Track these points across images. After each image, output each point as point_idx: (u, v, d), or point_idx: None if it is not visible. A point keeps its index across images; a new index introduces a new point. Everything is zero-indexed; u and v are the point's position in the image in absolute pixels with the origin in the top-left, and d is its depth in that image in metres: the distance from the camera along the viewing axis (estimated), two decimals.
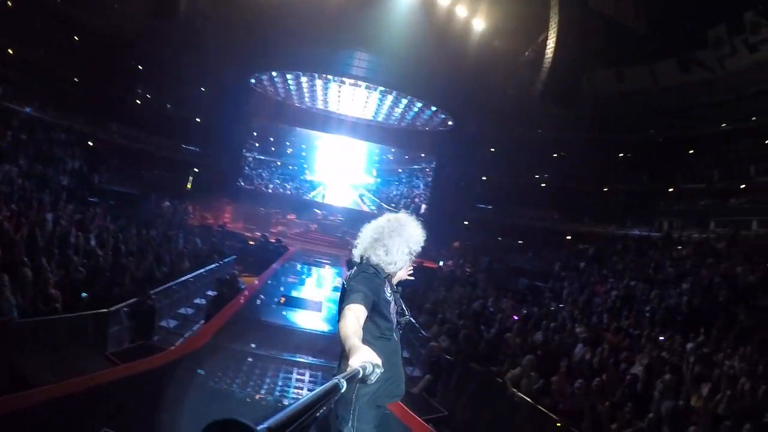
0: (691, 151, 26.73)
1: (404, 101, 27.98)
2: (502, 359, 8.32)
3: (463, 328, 9.67)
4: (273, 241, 22.57)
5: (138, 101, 28.26)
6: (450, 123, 29.56)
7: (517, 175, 30.05)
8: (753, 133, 23.34)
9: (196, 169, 30.02)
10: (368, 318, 2.41)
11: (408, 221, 2.76)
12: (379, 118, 31.15)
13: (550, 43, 19.67)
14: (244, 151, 31.65)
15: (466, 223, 27.91)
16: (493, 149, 30.87)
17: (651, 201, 27.46)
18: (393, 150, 33.81)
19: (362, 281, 2.51)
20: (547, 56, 20.01)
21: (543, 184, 30.05)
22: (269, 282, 14.37)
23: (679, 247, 22.56)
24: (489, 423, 6.78)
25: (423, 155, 33.28)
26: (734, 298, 14.90)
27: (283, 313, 11.10)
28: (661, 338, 10.45)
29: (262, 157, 32.97)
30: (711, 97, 23.06)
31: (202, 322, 10.17)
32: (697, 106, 23.85)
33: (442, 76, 24.12)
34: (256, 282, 13.75)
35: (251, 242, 22.22)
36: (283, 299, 12.66)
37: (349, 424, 2.44)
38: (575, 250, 24.10)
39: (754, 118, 22.76)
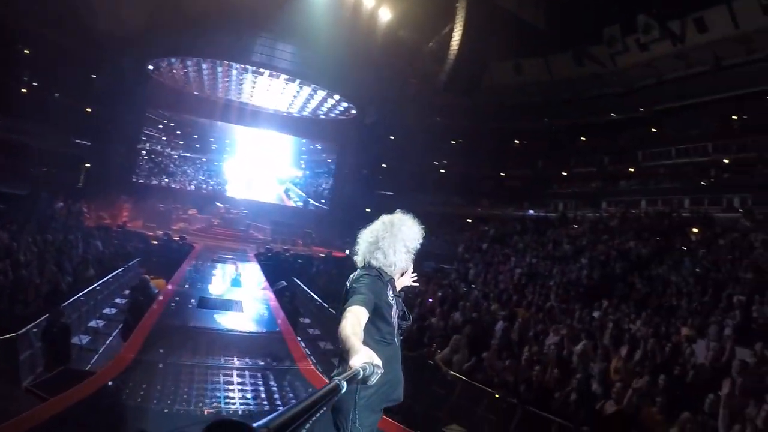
0: (583, 138, 29.05)
1: (307, 89, 27.56)
2: (428, 342, 8.61)
3: None
4: (177, 239, 21.53)
5: (23, 90, 25.20)
6: (353, 112, 29.55)
7: (417, 162, 30.91)
8: (640, 122, 26.01)
9: (88, 165, 27.47)
10: (369, 320, 2.39)
11: (401, 221, 2.77)
12: (283, 108, 30.52)
13: (456, 36, 20.22)
14: (142, 143, 29.68)
15: (368, 210, 28.44)
16: (393, 137, 31.36)
17: (546, 184, 29.56)
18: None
19: (365, 283, 2.50)
20: (452, 48, 20.55)
21: (443, 170, 31.31)
22: (182, 284, 13.67)
23: (575, 226, 24.61)
24: (428, 404, 7.01)
25: (324, 145, 33.51)
26: (629, 270, 16.52)
27: (204, 316, 10.61)
28: (575, 310, 11.22)
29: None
30: (602, 89, 25.21)
31: (116, 333, 9.50)
32: (590, 98, 25.85)
33: (347, 64, 23.93)
34: (169, 286, 13.04)
35: (154, 242, 20.98)
36: (199, 301, 12.07)
37: (348, 427, 2.42)
38: (477, 233, 25.36)
39: (641, 109, 25.26)
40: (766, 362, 7.13)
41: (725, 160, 24.80)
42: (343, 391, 1.57)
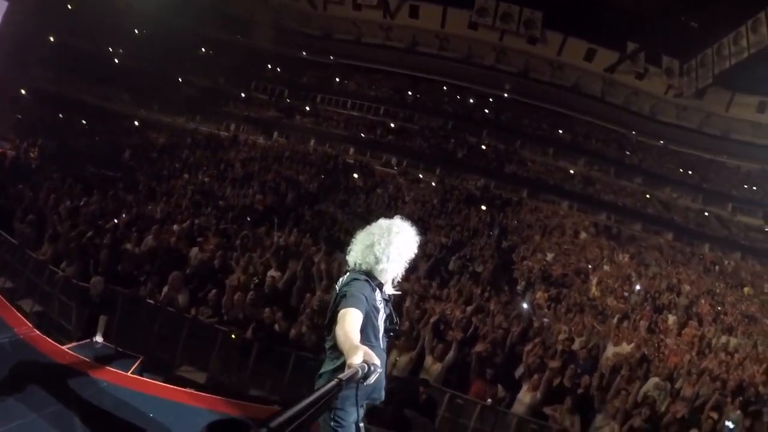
0: (270, 66, 29.25)
1: None
2: (138, 278, 7.29)
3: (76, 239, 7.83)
4: None
5: None
6: None
7: (91, 44, 25.78)
8: (328, 69, 27.95)
9: None
10: None
11: (400, 228, 2.73)
12: None
13: None
14: None
15: (23, 92, 21.89)
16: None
17: (223, 101, 28.72)
18: None
19: (356, 287, 2.52)
20: None
21: (117, 60, 26.43)
22: None
23: (245, 148, 24.86)
24: (162, 349, 6.09)
25: None
26: (300, 201, 17.74)
27: None
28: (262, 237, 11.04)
29: None
30: (304, 26, 25.95)
31: None
32: (291, 31, 26.12)
33: None
34: None
35: None
36: None
37: (331, 421, 2.50)
38: (145, 139, 22.90)
39: (332, 57, 26.98)
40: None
41: (392, 125, 29.36)
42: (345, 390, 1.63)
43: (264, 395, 6.03)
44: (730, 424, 6.70)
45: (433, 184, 24.42)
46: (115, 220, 8.83)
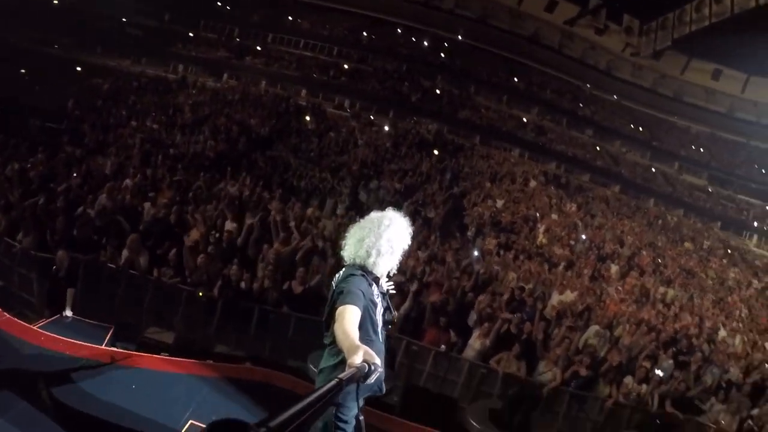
0: (219, 3, 27.59)
1: None
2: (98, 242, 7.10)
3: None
4: None
5: None
6: None
7: None
8: (278, 5, 26.51)
9: None
10: None
11: (391, 220, 2.70)
12: None
13: None
14: None
15: None
16: None
17: (169, 41, 27.15)
18: None
19: (352, 282, 2.50)
20: None
21: (55, 1, 24.26)
22: None
23: (194, 92, 23.81)
24: (127, 313, 6.07)
25: None
26: (252, 147, 17.28)
27: None
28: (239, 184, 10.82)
29: None
30: None
31: None
32: None
33: None
34: None
35: None
36: None
37: (334, 415, 2.51)
38: (90, 86, 21.50)
39: None
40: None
41: (346, 66, 28.53)
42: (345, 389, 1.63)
43: (230, 351, 6.22)
44: (660, 373, 7.31)
45: (386, 128, 24.35)
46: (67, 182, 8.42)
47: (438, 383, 6.96)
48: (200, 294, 5.99)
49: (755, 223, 29.01)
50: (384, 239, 2.63)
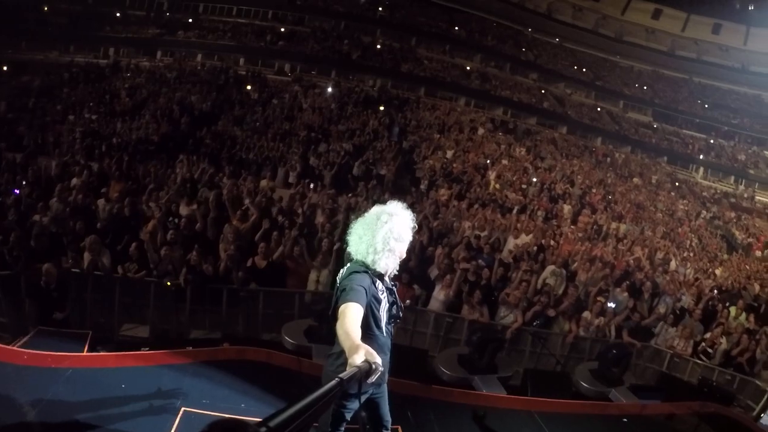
0: None
1: None
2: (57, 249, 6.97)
3: None
4: None
5: None
6: None
7: None
8: None
9: None
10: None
11: (388, 216, 2.63)
12: None
13: None
14: None
15: None
16: None
17: (96, 25, 25.76)
18: None
19: (355, 280, 2.50)
20: None
21: None
22: None
23: (128, 75, 22.85)
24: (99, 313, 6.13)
25: None
26: (195, 125, 16.90)
27: None
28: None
29: None
30: None
31: None
32: None
33: None
34: None
35: None
36: None
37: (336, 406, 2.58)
38: (18, 84, 20.46)
39: None
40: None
41: (282, 29, 27.66)
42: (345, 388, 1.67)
43: (206, 334, 6.40)
44: (612, 305, 7.90)
45: (330, 89, 24.14)
46: (16, 191, 8.11)
47: (408, 336, 7.29)
48: (168, 284, 6.08)
49: (701, 156, 30.46)
50: (381, 236, 2.58)
